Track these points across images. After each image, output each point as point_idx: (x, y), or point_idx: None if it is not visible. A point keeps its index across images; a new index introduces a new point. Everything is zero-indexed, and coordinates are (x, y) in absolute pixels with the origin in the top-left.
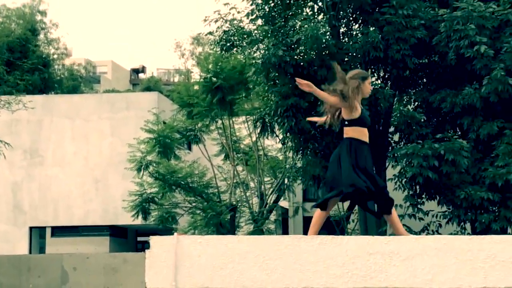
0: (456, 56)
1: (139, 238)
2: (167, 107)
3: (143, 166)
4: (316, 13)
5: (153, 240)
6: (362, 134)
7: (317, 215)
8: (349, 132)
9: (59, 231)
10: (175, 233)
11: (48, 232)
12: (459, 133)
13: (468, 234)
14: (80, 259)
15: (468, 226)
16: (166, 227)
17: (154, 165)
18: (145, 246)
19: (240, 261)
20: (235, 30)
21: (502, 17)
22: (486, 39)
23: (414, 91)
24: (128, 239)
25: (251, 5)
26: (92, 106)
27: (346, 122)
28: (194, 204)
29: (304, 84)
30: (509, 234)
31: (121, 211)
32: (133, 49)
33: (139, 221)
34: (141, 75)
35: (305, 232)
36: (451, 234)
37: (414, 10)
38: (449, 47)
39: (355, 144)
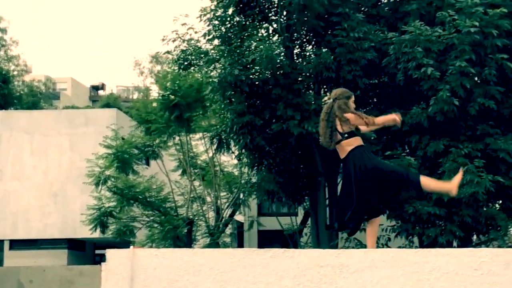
0: (405, 77)
1: (97, 251)
2: (126, 124)
3: (101, 181)
4: (271, 35)
5: (109, 253)
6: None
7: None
8: (354, 142)
9: (18, 244)
10: (131, 246)
11: (7, 245)
12: (408, 150)
13: (416, 247)
14: (37, 271)
15: (416, 239)
16: (124, 240)
17: (113, 179)
18: (102, 259)
19: (195, 273)
20: (192, 50)
21: (447, 41)
22: (432, 62)
23: (364, 110)
24: (86, 252)
25: (208, 25)
26: (51, 122)
27: (346, 135)
28: (151, 218)
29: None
30: (455, 247)
31: (80, 224)
32: (93, 66)
33: (97, 234)
34: (100, 92)
35: (260, 245)
36: (399, 247)
37: (365, 33)
38: (398, 68)
39: (366, 149)
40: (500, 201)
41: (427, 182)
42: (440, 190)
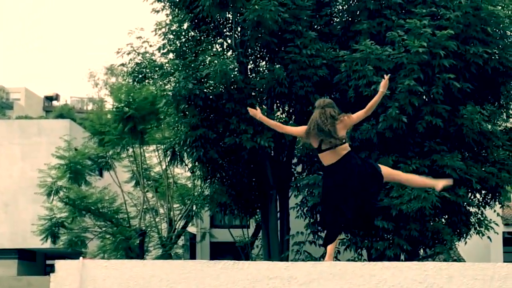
0: (355, 94)
1: (48, 262)
2: (79, 135)
3: (53, 191)
4: (225, 50)
5: (59, 263)
6: None
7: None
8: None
9: None
10: (81, 257)
11: None
12: None
13: (365, 260)
14: None
15: (364, 252)
16: (75, 251)
17: (65, 190)
18: (52, 269)
19: (144, 285)
20: (147, 63)
21: (397, 60)
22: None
23: None
24: (37, 262)
25: (163, 39)
26: (3, 132)
27: (344, 140)
28: (104, 228)
29: None
30: (402, 260)
31: (30, 234)
32: (48, 76)
33: (48, 244)
34: (54, 103)
35: (212, 256)
36: (349, 260)
37: (317, 51)
38: (349, 85)
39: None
40: (446, 216)
41: (412, 177)
42: (424, 185)
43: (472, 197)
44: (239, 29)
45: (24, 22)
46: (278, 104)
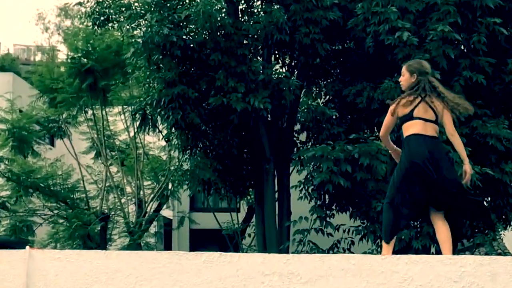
0: (375, 43)
1: None
2: (25, 92)
3: None
4: None
5: None
6: None
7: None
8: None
9: None
10: (27, 247)
11: None
12: (377, 133)
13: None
14: None
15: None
16: (20, 239)
17: (7, 162)
18: None
19: (108, 281)
20: (111, 1)
21: (428, 0)
22: (409, 25)
23: (325, 82)
24: None
25: None
26: None
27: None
28: (56, 211)
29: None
30: (432, 253)
31: None
32: None
33: None
34: None
35: (192, 247)
36: (365, 253)
37: None
38: (367, 32)
39: None
40: (489, 198)
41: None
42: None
43: None
44: None
45: None
46: (277, 55)
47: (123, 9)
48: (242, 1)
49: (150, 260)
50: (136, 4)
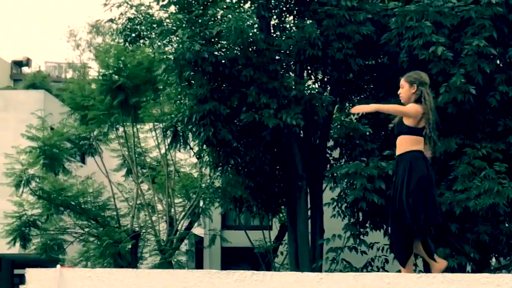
0: (409, 58)
1: (16, 271)
2: (56, 110)
3: (23, 182)
4: (242, 1)
5: (29, 273)
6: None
7: None
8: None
9: None
10: (58, 265)
11: None
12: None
13: (420, 271)
14: None
15: (420, 261)
16: (50, 258)
17: (38, 180)
18: (22, 280)
19: None
20: (142, 18)
21: (463, 14)
22: (444, 39)
23: (358, 98)
24: (2, 271)
25: None
26: None
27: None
28: (86, 229)
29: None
30: (468, 272)
31: None
32: (16, 36)
33: (16, 249)
34: (24, 69)
35: (224, 265)
36: (398, 271)
37: (360, 2)
38: (401, 47)
39: None
40: None
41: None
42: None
43: None
44: None
45: None
46: (310, 71)
47: (155, 25)
48: (274, 16)
49: (181, 279)
50: (167, 20)
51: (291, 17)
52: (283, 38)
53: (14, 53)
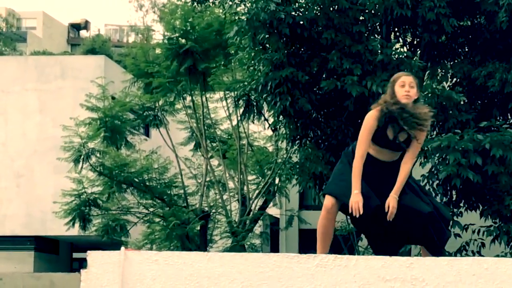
0: (509, 18)
1: (75, 255)
2: (117, 77)
3: (82, 157)
4: None
5: (92, 256)
6: None
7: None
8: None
9: None
10: (123, 248)
11: None
12: (511, 120)
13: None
14: None
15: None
16: (112, 240)
17: (98, 155)
18: (82, 264)
19: (210, 286)
20: None
21: None
22: None
23: (451, 63)
24: (60, 255)
25: None
26: (13, 73)
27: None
28: (151, 209)
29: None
30: None
31: (51, 217)
32: None
33: (75, 231)
34: (83, 33)
35: (302, 249)
36: (497, 256)
37: None
38: (500, 5)
39: None
40: None
41: None
42: None
43: None
44: None
45: None
46: (398, 33)
47: None
48: None
49: (257, 264)
50: None
51: None
52: None
53: (72, 15)
